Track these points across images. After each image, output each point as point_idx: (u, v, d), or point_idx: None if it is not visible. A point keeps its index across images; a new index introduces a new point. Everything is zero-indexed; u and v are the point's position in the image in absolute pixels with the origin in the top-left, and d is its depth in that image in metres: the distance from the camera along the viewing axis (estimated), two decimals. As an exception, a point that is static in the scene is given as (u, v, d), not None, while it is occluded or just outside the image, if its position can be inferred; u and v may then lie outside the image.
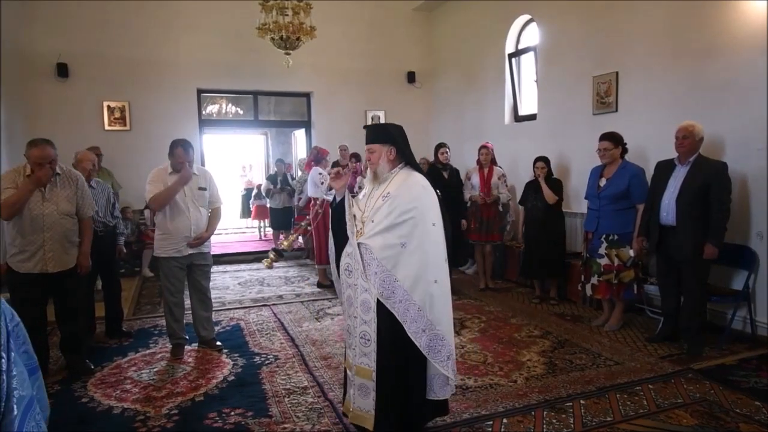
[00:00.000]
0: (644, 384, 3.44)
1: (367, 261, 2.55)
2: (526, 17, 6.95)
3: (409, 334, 2.49)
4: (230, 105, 12.21)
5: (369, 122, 8.98)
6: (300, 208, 7.73)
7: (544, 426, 2.92)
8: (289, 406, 3.21)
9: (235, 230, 12.26)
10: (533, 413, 3.06)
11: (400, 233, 2.51)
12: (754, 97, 4.14)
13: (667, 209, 4.01)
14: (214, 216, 4.18)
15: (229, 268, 7.69)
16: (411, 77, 9.13)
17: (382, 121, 9.04)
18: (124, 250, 4.90)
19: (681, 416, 3.01)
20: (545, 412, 3.07)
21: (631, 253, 4.42)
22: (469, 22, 8.05)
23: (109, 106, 7.54)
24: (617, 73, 5.42)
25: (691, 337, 3.98)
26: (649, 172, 4.50)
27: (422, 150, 8.39)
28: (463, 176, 6.24)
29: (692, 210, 3.87)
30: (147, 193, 3.92)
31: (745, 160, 4.18)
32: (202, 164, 8.23)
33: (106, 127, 7.53)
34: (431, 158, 7.24)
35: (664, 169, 4.15)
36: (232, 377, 3.67)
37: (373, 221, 2.56)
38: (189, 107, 8.00)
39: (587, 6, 5.75)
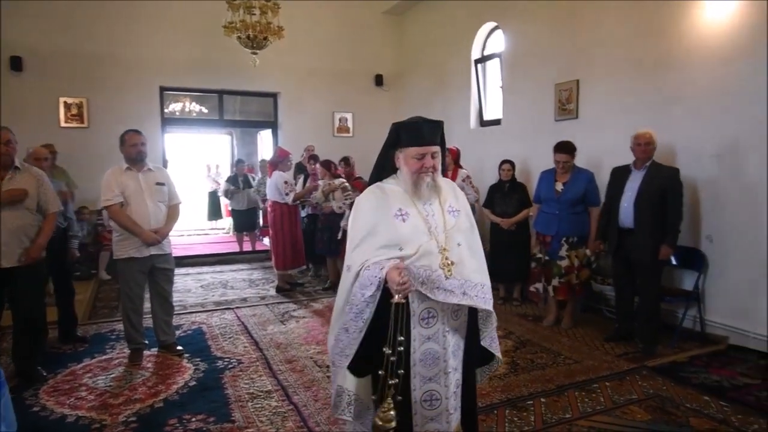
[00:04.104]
0: (601, 381, 3.55)
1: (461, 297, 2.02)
2: (492, 24, 7.08)
3: (488, 338, 2.21)
4: (194, 103, 11.97)
5: (336, 125, 8.98)
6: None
7: (507, 424, 2.98)
8: (252, 410, 3.17)
9: (198, 232, 12.03)
10: (495, 412, 3.11)
11: (479, 246, 2.17)
12: (704, 106, 4.34)
13: (626, 213, 4.17)
14: (172, 213, 4.09)
15: (191, 270, 7.54)
16: (379, 80, 9.16)
17: (350, 123, 9.05)
18: (77, 254, 4.71)
19: (635, 412, 3.12)
20: (507, 411, 3.13)
21: (588, 252, 4.60)
22: (437, 27, 8.14)
23: (66, 102, 7.29)
24: (578, 81, 5.58)
25: (645, 336, 4.14)
26: (601, 176, 4.71)
27: (389, 153, 8.43)
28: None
29: (649, 213, 4.03)
30: (102, 201, 3.82)
31: (696, 167, 4.36)
32: (164, 164, 8.06)
33: (63, 124, 7.28)
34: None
35: (621, 174, 4.31)
36: (194, 382, 3.60)
37: (459, 244, 2.05)
38: (151, 105, 7.81)
39: (551, 16, 5.90)
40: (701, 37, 4.34)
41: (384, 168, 2.16)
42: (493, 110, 7.26)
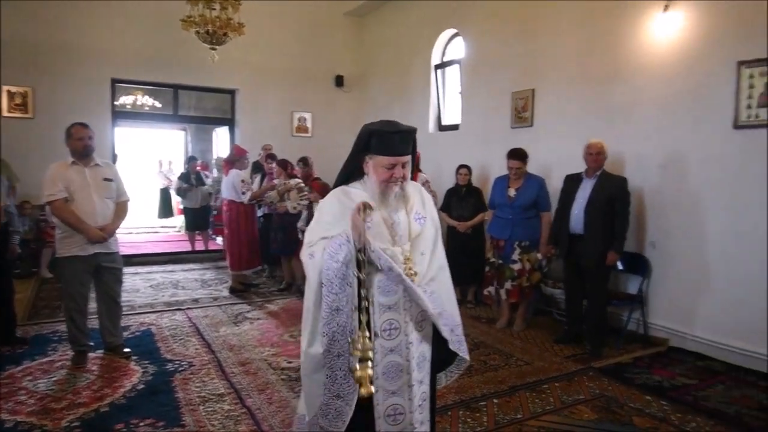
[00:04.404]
0: (551, 382, 3.66)
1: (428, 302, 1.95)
2: (452, 31, 7.19)
3: (455, 341, 2.06)
4: (146, 97, 11.59)
5: (295, 124, 8.89)
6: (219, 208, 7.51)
7: (460, 425, 3.03)
8: (203, 414, 3.10)
9: (148, 230, 11.64)
10: (449, 413, 3.16)
11: (442, 254, 2.12)
12: (650, 119, 4.56)
13: (577, 219, 4.32)
14: (119, 210, 3.94)
15: (140, 269, 7.29)
16: (339, 81, 9.14)
17: (309, 123, 8.99)
18: (18, 250, 4.48)
19: (583, 411, 3.24)
20: (461, 412, 3.18)
21: (539, 256, 4.74)
22: (398, 31, 8.20)
23: (9, 91, 6.91)
24: (533, 90, 5.74)
25: (593, 339, 4.29)
26: (552, 183, 4.88)
27: (348, 154, 8.42)
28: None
29: (598, 220, 4.19)
30: (44, 196, 3.65)
31: (642, 177, 4.58)
32: (113, 158, 7.76)
33: (5, 114, 6.90)
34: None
35: (573, 181, 4.46)
36: (142, 385, 3.49)
37: (423, 253, 2.01)
38: (101, 97, 7.51)
39: (509, 27, 6.05)
40: (648, 53, 4.56)
41: (352, 172, 2.06)
42: (452, 115, 7.37)
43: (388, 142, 1.93)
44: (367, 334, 1.78)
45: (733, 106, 3.95)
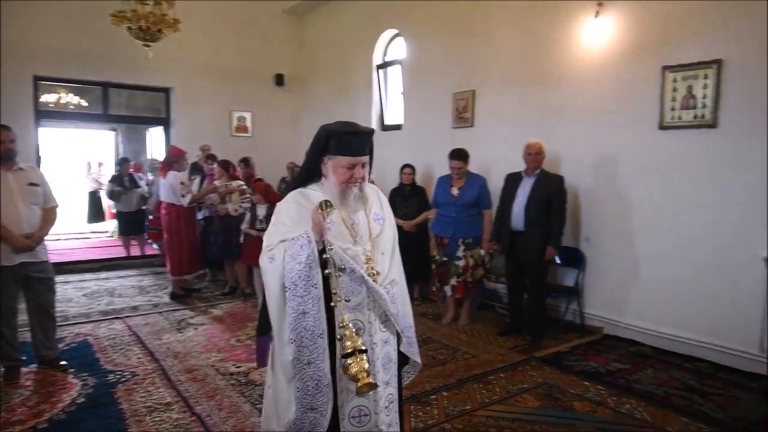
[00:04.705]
0: (496, 373, 3.81)
1: (389, 302, 1.97)
2: (393, 31, 7.27)
3: (405, 342, 2.11)
4: (70, 95, 10.94)
5: (234, 124, 8.69)
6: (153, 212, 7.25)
7: (412, 419, 3.10)
8: (151, 424, 3.00)
9: (77, 235, 11.02)
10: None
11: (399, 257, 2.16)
12: (584, 120, 4.81)
13: (517, 216, 4.50)
14: (47, 217, 3.73)
15: (71, 278, 6.89)
16: (279, 80, 9.01)
17: (249, 123, 8.81)
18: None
19: (527, 399, 3.40)
20: (412, 407, 3.25)
21: (482, 252, 4.90)
22: (339, 30, 8.20)
23: None
24: (474, 91, 5.92)
25: (534, 330, 4.49)
26: (492, 182, 5.06)
27: (291, 155, 8.34)
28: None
29: (538, 217, 4.39)
30: None
31: (577, 175, 4.83)
32: (38, 161, 7.30)
33: None
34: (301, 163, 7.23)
35: (513, 180, 4.65)
36: (82, 399, 3.33)
37: (383, 253, 2.04)
38: (22, 95, 7.01)
39: (450, 28, 6.19)
40: (581, 57, 4.81)
41: (312, 173, 2.04)
42: (395, 115, 7.46)
43: (348, 143, 1.93)
44: (352, 327, 1.75)
45: (659, 108, 4.25)
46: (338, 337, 1.77)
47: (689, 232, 4.14)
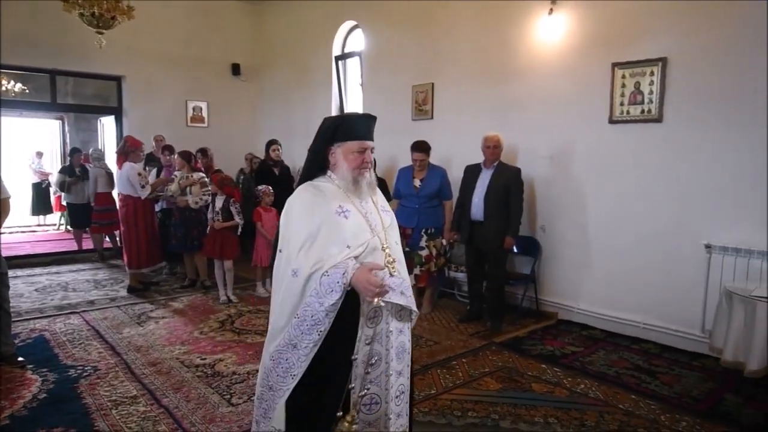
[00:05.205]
0: (459, 359, 3.95)
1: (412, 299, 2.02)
2: (352, 23, 7.28)
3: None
4: (12, 82, 10.39)
5: (190, 114, 8.50)
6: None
7: (380, 405, 3.18)
8: (118, 418, 2.97)
9: (23, 228, 10.53)
10: (370, 395, 3.30)
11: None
12: (539, 113, 5.00)
13: (477, 207, 4.65)
14: (0, 210, 3.61)
15: (20, 272, 6.61)
16: (236, 69, 8.85)
17: (205, 113, 8.64)
18: None
19: (488, 383, 3.55)
20: (380, 393, 3.34)
21: (444, 242, 5.03)
22: (296, 21, 8.12)
23: None
24: (433, 84, 6.02)
25: (493, 316, 4.67)
26: (452, 173, 5.19)
27: (249, 146, 8.24)
28: (294, 173, 6.32)
29: (496, 207, 4.56)
30: None
31: (533, 167, 5.02)
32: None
33: None
34: (261, 155, 7.16)
35: (472, 172, 4.79)
36: (44, 395, 3.25)
37: (397, 243, 2.08)
38: (-38, 82, 6.66)
39: (409, 21, 6.26)
40: (536, 53, 4.99)
41: (319, 166, 2.03)
42: (354, 107, 7.48)
43: (357, 127, 1.98)
44: (354, 413, 1.76)
45: (609, 103, 4.48)
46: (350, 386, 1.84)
47: (637, 221, 4.40)
